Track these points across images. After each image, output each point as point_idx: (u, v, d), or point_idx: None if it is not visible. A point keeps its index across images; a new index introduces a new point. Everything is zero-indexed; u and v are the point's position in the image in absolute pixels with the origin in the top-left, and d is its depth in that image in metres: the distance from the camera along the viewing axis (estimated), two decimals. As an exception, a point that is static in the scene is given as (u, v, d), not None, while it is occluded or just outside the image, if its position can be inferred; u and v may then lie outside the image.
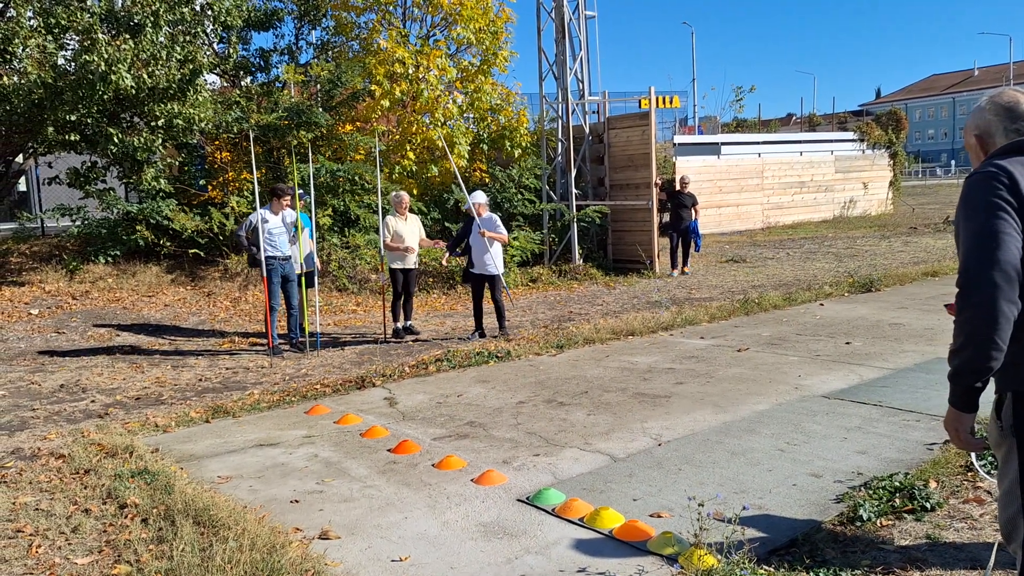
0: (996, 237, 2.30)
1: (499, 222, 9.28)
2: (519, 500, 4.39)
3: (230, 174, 13.95)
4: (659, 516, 4.05)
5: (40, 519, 4.40)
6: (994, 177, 2.36)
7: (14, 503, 4.67)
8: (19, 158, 13.82)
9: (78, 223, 12.73)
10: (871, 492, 4.09)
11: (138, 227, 12.16)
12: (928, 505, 3.92)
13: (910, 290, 11.25)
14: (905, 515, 3.88)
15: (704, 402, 6.13)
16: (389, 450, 5.35)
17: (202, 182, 13.46)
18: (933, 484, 4.17)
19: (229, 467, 5.17)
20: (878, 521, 3.82)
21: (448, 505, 4.37)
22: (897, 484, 4.12)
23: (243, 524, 3.97)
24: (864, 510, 3.85)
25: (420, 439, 5.55)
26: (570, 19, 14.74)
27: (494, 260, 9.14)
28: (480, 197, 9.36)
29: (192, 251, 12.47)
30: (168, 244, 12.44)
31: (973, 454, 2.89)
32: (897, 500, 3.99)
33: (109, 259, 12.40)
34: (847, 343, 7.96)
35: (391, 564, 3.70)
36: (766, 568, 3.40)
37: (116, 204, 12.36)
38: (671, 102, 41.26)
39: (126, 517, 4.34)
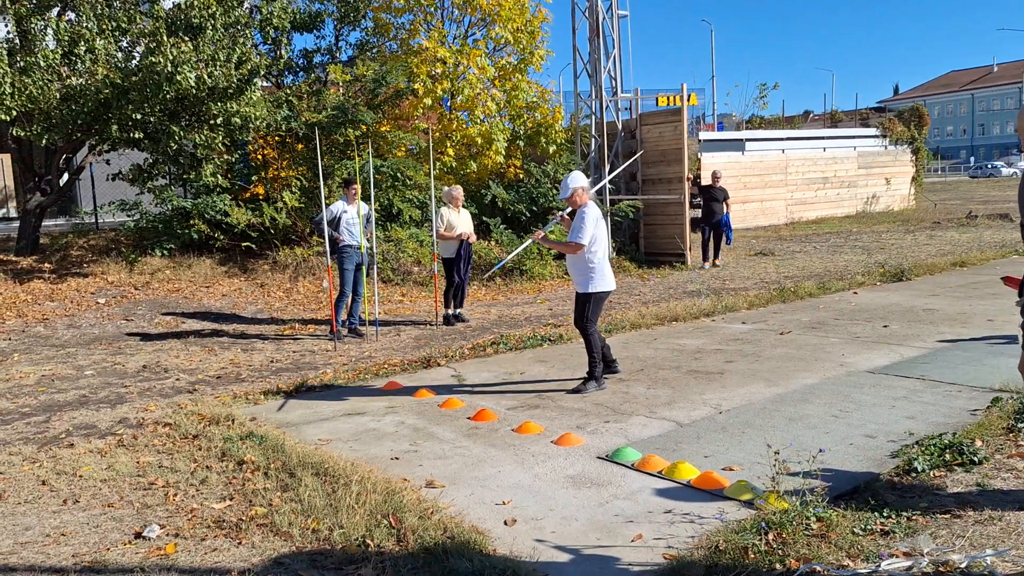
0: None
1: (585, 218, 6.33)
2: (599, 457, 4.85)
3: (273, 170, 14.46)
4: (731, 469, 4.50)
5: (167, 474, 4.90)
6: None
7: (138, 462, 5.17)
8: (76, 157, 14.43)
9: (135, 217, 13.29)
10: (923, 449, 4.52)
11: (193, 221, 12.70)
12: (976, 459, 4.35)
13: (940, 279, 11.61)
14: (955, 468, 4.31)
15: (756, 377, 6.56)
16: (469, 418, 5.83)
17: (253, 179, 13.98)
18: (979, 443, 4.59)
19: (326, 432, 5.66)
20: (931, 472, 4.25)
21: (535, 462, 4.84)
22: (946, 442, 4.54)
23: (360, 473, 4.45)
24: (919, 463, 4.28)
25: (496, 409, 6.01)
26: (603, 18, 15.17)
27: (582, 276, 6.50)
28: (580, 180, 6.47)
29: (245, 244, 13.01)
30: (222, 237, 12.98)
31: None
32: (947, 455, 4.41)
33: (165, 252, 12.95)
34: (884, 326, 8.36)
35: (495, 507, 4.17)
36: (836, 509, 3.83)
37: (172, 199, 12.92)
38: (688, 99, 41.62)
39: (246, 471, 4.83)
